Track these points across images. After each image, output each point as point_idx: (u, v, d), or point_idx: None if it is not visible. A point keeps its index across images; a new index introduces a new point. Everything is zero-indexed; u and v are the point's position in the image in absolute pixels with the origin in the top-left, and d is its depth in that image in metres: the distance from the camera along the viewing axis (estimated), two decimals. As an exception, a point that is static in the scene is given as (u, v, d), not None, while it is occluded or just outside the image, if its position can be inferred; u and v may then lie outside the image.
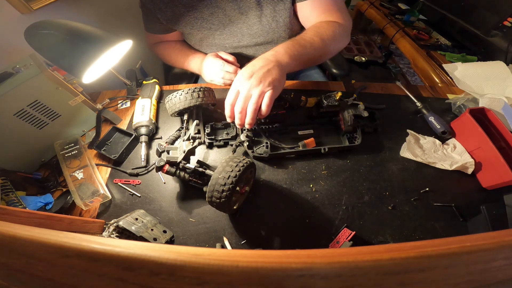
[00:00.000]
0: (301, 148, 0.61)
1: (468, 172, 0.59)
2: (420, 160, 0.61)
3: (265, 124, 0.65)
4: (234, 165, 0.47)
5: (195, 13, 0.72)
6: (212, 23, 0.74)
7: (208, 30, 0.75)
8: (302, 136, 0.65)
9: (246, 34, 0.76)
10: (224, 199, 0.45)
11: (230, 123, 0.67)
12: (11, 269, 0.18)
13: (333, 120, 0.68)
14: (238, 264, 0.15)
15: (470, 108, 0.63)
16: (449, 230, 0.53)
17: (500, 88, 0.73)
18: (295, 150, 0.62)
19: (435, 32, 1.19)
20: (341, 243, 0.51)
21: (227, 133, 0.67)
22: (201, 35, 0.77)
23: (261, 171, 0.62)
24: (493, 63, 0.75)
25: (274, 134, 0.66)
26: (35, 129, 0.62)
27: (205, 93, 0.64)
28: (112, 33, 0.59)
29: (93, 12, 1.01)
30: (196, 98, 0.63)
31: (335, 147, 0.63)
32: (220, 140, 0.65)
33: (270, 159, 0.62)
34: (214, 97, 0.68)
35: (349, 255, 0.15)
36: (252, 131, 0.63)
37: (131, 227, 0.49)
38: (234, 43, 0.78)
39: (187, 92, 0.62)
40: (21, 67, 0.58)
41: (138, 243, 0.16)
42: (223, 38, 0.77)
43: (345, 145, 0.63)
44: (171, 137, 0.67)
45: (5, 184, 0.55)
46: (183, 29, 0.77)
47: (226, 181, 0.45)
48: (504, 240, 0.15)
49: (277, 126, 0.65)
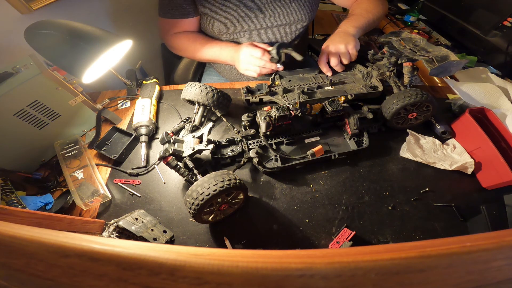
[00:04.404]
0: (311, 158, 0.60)
1: (468, 172, 0.59)
2: (420, 160, 0.61)
3: (272, 136, 0.64)
4: (220, 181, 0.45)
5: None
6: (238, 5, 0.75)
7: (235, 11, 0.76)
8: (309, 145, 0.65)
9: (270, 16, 0.78)
10: (193, 211, 0.45)
11: (235, 139, 0.64)
12: (11, 269, 0.18)
13: (338, 124, 0.67)
14: (238, 264, 0.15)
15: (470, 108, 0.63)
16: (449, 230, 0.53)
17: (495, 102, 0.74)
18: (305, 160, 0.60)
19: (435, 32, 1.19)
20: (341, 243, 0.51)
21: (232, 150, 0.63)
22: (226, 16, 0.77)
23: (261, 172, 0.62)
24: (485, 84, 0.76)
25: (281, 145, 0.65)
26: (35, 129, 0.62)
27: (220, 99, 0.63)
28: (112, 33, 0.59)
29: (93, 12, 1.01)
30: (208, 98, 0.62)
31: (344, 153, 0.62)
32: (226, 157, 0.62)
33: (282, 172, 0.60)
34: (227, 107, 0.67)
35: (349, 255, 0.15)
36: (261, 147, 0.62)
37: (131, 227, 0.49)
38: (257, 25, 0.80)
39: (206, 88, 0.62)
40: (21, 67, 0.58)
41: (138, 243, 0.16)
42: (247, 20, 0.78)
43: (354, 149, 0.62)
44: (175, 127, 0.66)
45: (5, 184, 0.55)
46: (210, 7, 0.76)
47: (198, 196, 0.44)
48: (504, 240, 0.15)
49: (284, 137, 0.64)
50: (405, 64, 0.65)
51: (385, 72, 0.69)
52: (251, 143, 0.63)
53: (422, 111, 0.63)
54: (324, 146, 0.63)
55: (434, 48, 0.66)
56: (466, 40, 1.04)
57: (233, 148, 0.64)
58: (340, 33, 0.75)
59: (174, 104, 0.78)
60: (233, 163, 0.63)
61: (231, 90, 0.81)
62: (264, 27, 0.80)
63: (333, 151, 0.62)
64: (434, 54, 0.63)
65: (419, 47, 0.68)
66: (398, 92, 0.63)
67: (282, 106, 0.59)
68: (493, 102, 0.73)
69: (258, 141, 0.63)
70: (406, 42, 0.70)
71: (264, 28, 0.81)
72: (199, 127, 0.65)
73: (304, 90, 0.67)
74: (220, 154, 0.62)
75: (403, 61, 0.66)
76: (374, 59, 0.74)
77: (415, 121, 0.66)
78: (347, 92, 0.67)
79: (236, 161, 0.63)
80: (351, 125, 0.62)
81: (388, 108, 0.62)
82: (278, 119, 0.58)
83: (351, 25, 0.77)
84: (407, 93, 0.59)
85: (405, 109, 0.61)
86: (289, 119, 0.60)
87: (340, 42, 0.72)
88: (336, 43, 0.72)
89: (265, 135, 0.60)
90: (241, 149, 0.62)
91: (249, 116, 0.64)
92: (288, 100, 0.66)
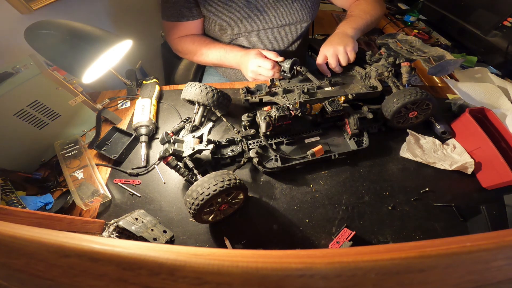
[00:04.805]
0: (311, 158, 0.60)
1: (468, 172, 0.59)
2: (420, 160, 0.61)
3: (272, 136, 0.64)
4: (220, 181, 0.45)
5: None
6: (241, 6, 0.75)
7: (238, 12, 0.76)
8: (309, 144, 0.65)
9: (272, 17, 0.79)
10: (193, 211, 0.45)
11: (235, 139, 0.63)
12: (11, 269, 0.18)
13: (338, 124, 0.67)
14: (238, 264, 0.15)
15: (470, 108, 0.63)
16: (449, 230, 0.53)
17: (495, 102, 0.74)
18: (305, 160, 0.60)
19: (435, 32, 1.19)
20: (341, 243, 0.51)
21: (232, 150, 0.63)
22: (229, 17, 0.77)
23: (261, 172, 0.62)
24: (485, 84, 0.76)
25: (281, 145, 0.65)
26: (35, 129, 0.62)
27: (220, 99, 0.63)
28: (112, 33, 0.59)
29: (93, 12, 1.01)
30: (208, 98, 0.62)
31: (344, 153, 0.62)
32: (226, 157, 0.62)
33: (281, 171, 0.61)
34: (227, 107, 0.67)
35: (349, 255, 0.15)
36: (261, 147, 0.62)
37: (131, 227, 0.49)
38: (260, 26, 0.80)
39: (206, 88, 0.62)
40: (21, 67, 0.58)
41: (138, 243, 0.16)
42: (250, 21, 0.78)
43: (354, 149, 0.62)
44: (175, 127, 0.66)
45: (5, 184, 0.55)
46: (214, 9, 0.76)
47: (198, 196, 0.44)
48: (504, 240, 0.15)
49: (284, 137, 0.64)
50: (403, 64, 0.66)
51: (383, 73, 0.69)
52: (251, 143, 0.63)
53: (422, 109, 0.63)
54: (324, 146, 0.63)
55: (429, 48, 0.67)
56: (466, 40, 1.04)
57: (233, 148, 0.64)
58: (338, 35, 0.75)
59: (174, 104, 0.78)
60: (233, 163, 0.63)
61: (231, 90, 0.81)
62: (267, 28, 0.80)
63: (333, 151, 0.62)
64: (431, 54, 0.64)
65: (415, 48, 0.69)
66: (397, 91, 0.63)
67: (282, 106, 0.59)
68: (493, 102, 0.73)
69: (258, 141, 0.63)
70: (402, 44, 0.71)
71: (267, 29, 0.81)
72: (199, 127, 0.65)
73: (305, 90, 0.67)
74: (220, 154, 0.62)
75: (401, 61, 0.66)
76: (372, 60, 0.74)
77: (416, 120, 0.66)
78: (347, 92, 0.67)
79: (236, 161, 0.63)
80: (351, 125, 0.62)
81: (389, 107, 0.62)
82: (278, 119, 0.58)
83: (350, 27, 0.77)
84: (407, 92, 0.60)
85: (405, 108, 0.61)
86: (289, 119, 0.60)
87: (339, 43, 0.71)
88: (335, 44, 0.72)
89: (265, 135, 0.60)
90: (241, 149, 0.62)
91: (249, 116, 0.64)
92: (288, 100, 0.66)
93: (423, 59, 0.63)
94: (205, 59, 0.83)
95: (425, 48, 0.68)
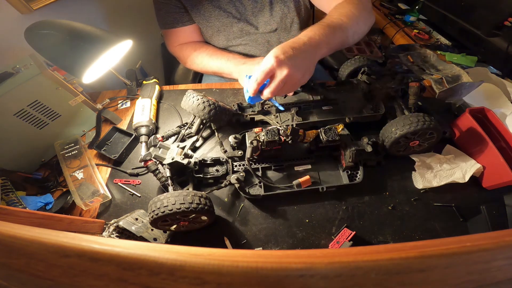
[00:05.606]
0: (296, 189, 0.55)
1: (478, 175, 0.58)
2: (437, 185, 0.57)
3: (260, 160, 0.60)
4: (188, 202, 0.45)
5: (213, 2, 0.73)
6: (229, 11, 0.75)
7: (226, 18, 0.76)
8: (299, 172, 0.60)
9: (261, 22, 0.78)
10: (151, 218, 0.46)
11: (220, 159, 0.60)
12: (11, 269, 0.18)
13: (334, 154, 0.61)
14: (238, 264, 0.15)
15: (470, 108, 0.62)
16: (449, 230, 0.53)
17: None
18: (290, 190, 0.55)
19: (435, 32, 1.19)
20: (341, 243, 0.51)
21: (217, 169, 0.60)
22: (219, 23, 0.77)
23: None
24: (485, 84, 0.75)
25: (269, 171, 0.61)
26: (35, 129, 0.62)
27: (216, 114, 0.59)
28: (112, 33, 0.59)
29: (93, 12, 1.01)
30: (205, 112, 0.59)
31: (333, 186, 0.56)
32: (209, 177, 0.58)
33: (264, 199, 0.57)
34: (224, 121, 0.64)
35: (349, 255, 0.15)
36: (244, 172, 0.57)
37: (131, 227, 0.49)
38: (251, 30, 0.79)
39: (203, 102, 0.59)
40: (21, 67, 0.58)
41: (138, 243, 0.16)
42: (240, 27, 0.78)
43: (345, 183, 0.57)
44: (168, 132, 0.66)
45: (5, 184, 0.55)
46: (202, 16, 0.76)
47: (159, 207, 0.44)
48: (504, 240, 0.15)
49: (272, 163, 0.60)
50: (411, 84, 0.60)
51: (389, 93, 0.63)
52: (237, 165, 0.60)
53: (426, 138, 0.56)
54: (315, 175, 0.59)
55: (445, 65, 0.60)
56: (466, 40, 1.04)
57: (217, 168, 0.60)
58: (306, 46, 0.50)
59: (174, 104, 0.78)
60: (216, 183, 0.58)
61: (231, 90, 0.81)
62: (258, 32, 0.80)
63: (322, 183, 0.57)
64: (445, 72, 0.57)
65: (428, 64, 0.62)
66: (399, 118, 0.56)
67: (272, 129, 0.54)
68: (493, 102, 0.73)
69: (244, 164, 0.59)
70: (414, 58, 0.64)
71: (259, 33, 0.80)
72: (196, 135, 0.65)
73: (298, 111, 0.62)
74: (203, 173, 0.59)
75: (409, 81, 0.61)
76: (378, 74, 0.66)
77: (419, 148, 0.59)
78: (345, 114, 0.62)
79: (219, 182, 0.58)
80: (346, 157, 0.57)
81: (386, 136, 0.56)
82: (266, 144, 0.54)
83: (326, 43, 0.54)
84: (407, 120, 0.53)
85: (405, 137, 0.55)
86: (278, 145, 0.55)
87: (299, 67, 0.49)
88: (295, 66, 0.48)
89: (250, 160, 0.55)
90: (225, 171, 0.59)
91: (236, 138, 0.60)
92: (281, 121, 0.62)
93: (435, 79, 0.56)
94: (205, 67, 0.81)
95: (440, 64, 0.61)
